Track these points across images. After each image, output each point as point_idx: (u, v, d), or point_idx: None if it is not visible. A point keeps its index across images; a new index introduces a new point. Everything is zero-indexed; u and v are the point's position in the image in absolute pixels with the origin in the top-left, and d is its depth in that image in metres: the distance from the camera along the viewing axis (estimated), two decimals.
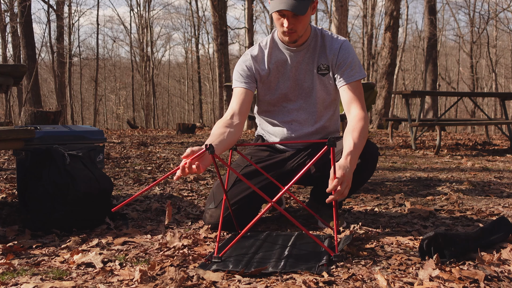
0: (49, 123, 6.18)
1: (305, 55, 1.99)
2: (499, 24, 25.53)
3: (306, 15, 1.83)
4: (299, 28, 1.86)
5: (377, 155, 1.99)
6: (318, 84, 2.00)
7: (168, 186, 3.15)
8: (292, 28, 1.84)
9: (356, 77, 1.93)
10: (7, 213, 2.28)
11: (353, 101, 1.90)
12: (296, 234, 1.86)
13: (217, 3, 14.10)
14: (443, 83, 27.02)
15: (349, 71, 1.93)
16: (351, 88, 1.92)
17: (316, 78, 1.99)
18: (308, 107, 2.04)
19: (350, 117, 1.88)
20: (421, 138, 7.86)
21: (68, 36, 22.00)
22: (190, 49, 30.51)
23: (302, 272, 1.44)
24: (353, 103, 1.89)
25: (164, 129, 11.64)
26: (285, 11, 1.79)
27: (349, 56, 1.94)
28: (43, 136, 2.37)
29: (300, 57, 1.99)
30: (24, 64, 2.62)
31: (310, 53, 1.99)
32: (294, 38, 1.90)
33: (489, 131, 9.15)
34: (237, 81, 2.00)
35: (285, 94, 2.02)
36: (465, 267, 1.51)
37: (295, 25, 1.84)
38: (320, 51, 1.98)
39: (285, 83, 2.01)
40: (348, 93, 1.92)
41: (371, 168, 1.98)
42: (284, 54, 2.00)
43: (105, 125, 29.48)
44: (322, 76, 1.99)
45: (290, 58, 1.99)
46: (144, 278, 1.37)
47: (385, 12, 11.97)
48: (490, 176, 3.74)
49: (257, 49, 2.02)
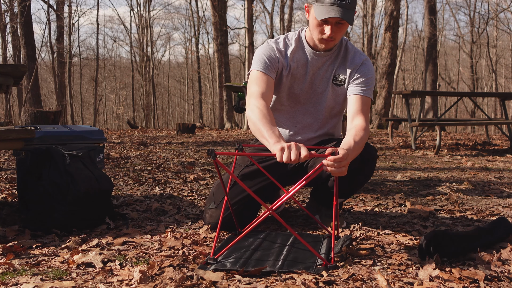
0: (49, 123, 6.19)
1: (326, 62, 1.97)
2: (499, 24, 25.55)
3: (345, 24, 1.80)
4: (338, 37, 1.84)
5: (376, 157, 1.98)
6: (331, 93, 1.99)
7: (168, 186, 3.15)
8: (333, 37, 1.82)
9: (368, 94, 1.91)
10: (7, 213, 2.28)
11: (359, 112, 1.86)
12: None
13: (217, 3, 14.10)
14: (443, 83, 27.02)
15: (365, 86, 1.91)
16: (361, 101, 1.89)
17: (330, 87, 1.98)
18: (315, 112, 2.03)
19: (352, 124, 1.82)
20: (421, 138, 7.86)
21: (68, 36, 21.99)
22: (190, 49, 30.51)
23: (300, 271, 1.44)
24: (359, 114, 1.86)
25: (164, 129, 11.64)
26: (330, 19, 1.76)
27: (369, 73, 1.93)
28: (43, 136, 2.37)
29: (320, 63, 1.97)
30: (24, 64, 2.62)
31: (331, 61, 1.97)
32: (331, 46, 1.88)
33: (489, 131, 9.15)
34: (262, 67, 1.88)
35: (297, 95, 2.01)
36: (465, 267, 1.51)
37: (336, 33, 1.81)
38: (340, 62, 1.97)
39: (300, 85, 1.99)
40: (357, 104, 1.88)
41: (370, 168, 1.98)
42: (307, 56, 1.97)
43: (105, 125, 29.48)
44: (336, 86, 1.98)
45: (312, 61, 1.96)
46: (144, 278, 1.37)
47: (385, 12, 11.97)
48: (490, 176, 3.74)
49: (282, 43, 1.97)
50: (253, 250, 1.65)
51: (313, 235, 1.91)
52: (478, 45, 25.14)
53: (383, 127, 11.31)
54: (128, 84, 29.90)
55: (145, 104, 25.22)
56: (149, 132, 9.65)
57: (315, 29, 1.84)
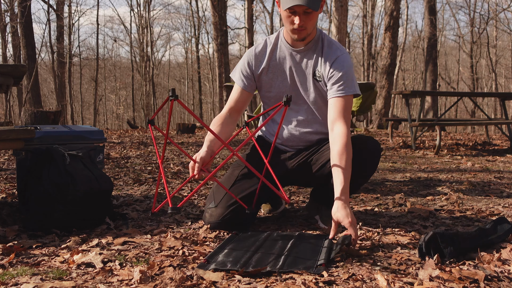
0: (49, 123, 6.18)
1: (304, 57, 2.00)
2: (499, 24, 25.55)
3: (316, 13, 1.86)
4: (309, 25, 1.88)
5: (379, 151, 2.02)
6: (314, 88, 2.02)
7: (168, 186, 3.15)
8: (303, 26, 1.87)
9: (346, 91, 1.92)
10: (7, 213, 2.28)
11: (337, 117, 1.90)
12: (297, 234, 1.86)
13: (217, 3, 14.10)
14: (443, 83, 27.02)
15: (341, 84, 1.92)
16: (338, 103, 1.91)
17: (311, 82, 2.01)
18: (307, 109, 2.05)
19: (333, 134, 1.87)
20: (421, 138, 7.86)
21: (68, 36, 21.98)
22: (190, 49, 30.51)
23: (300, 271, 1.44)
24: (337, 120, 1.89)
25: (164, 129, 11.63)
26: (297, 8, 1.81)
27: (341, 69, 1.93)
28: (43, 136, 2.38)
29: (299, 58, 2.01)
30: (24, 64, 2.62)
31: (309, 56, 2.00)
32: (303, 35, 1.91)
33: (489, 131, 9.15)
34: (238, 79, 2.08)
35: (283, 92, 2.04)
36: (465, 267, 1.51)
37: (305, 22, 1.86)
38: (318, 57, 2.00)
39: (284, 82, 2.04)
40: (335, 107, 1.91)
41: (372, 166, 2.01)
42: (286, 54, 2.02)
43: (105, 125, 29.47)
44: (317, 82, 2.01)
45: (291, 58, 2.01)
46: (144, 278, 1.37)
47: (385, 12, 11.97)
48: (490, 176, 3.74)
49: (261, 45, 2.06)
50: (254, 250, 1.65)
51: (314, 235, 1.91)
52: (478, 45, 25.14)
53: (383, 127, 11.31)
54: (128, 84, 29.90)
55: (145, 104, 25.21)
56: (149, 132, 9.65)
57: (286, 20, 1.90)
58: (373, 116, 12.09)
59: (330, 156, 1.87)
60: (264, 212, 2.36)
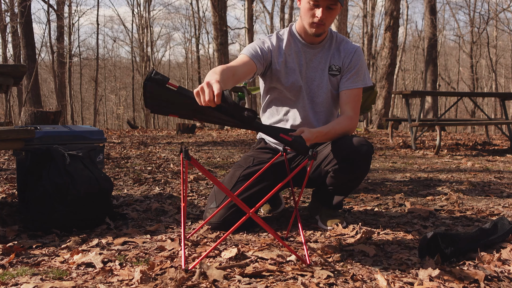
0: (49, 123, 6.18)
1: (318, 54, 2.02)
2: (499, 24, 25.54)
3: (336, 11, 1.88)
4: (328, 21, 1.90)
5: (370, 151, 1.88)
6: (328, 84, 2.03)
7: (168, 186, 3.15)
8: (323, 20, 1.88)
9: (359, 84, 2.01)
10: (7, 213, 2.28)
11: (348, 105, 1.98)
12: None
13: (217, 3, 14.10)
14: (443, 83, 27.02)
15: (354, 78, 2.00)
16: (350, 94, 1.99)
17: (326, 78, 2.02)
18: (314, 106, 2.05)
19: (341, 115, 1.97)
20: (421, 138, 7.85)
21: (68, 36, 21.98)
22: (190, 49, 30.52)
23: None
24: (348, 106, 1.98)
25: (164, 129, 11.64)
26: (322, 1, 1.82)
27: (359, 62, 2.00)
28: (43, 136, 2.37)
29: (313, 54, 2.02)
30: (24, 64, 2.62)
31: (324, 53, 2.03)
32: (321, 31, 1.93)
33: (489, 131, 9.15)
34: (249, 53, 1.91)
35: (296, 86, 2.03)
36: (465, 267, 1.51)
37: (326, 17, 1.88)
38: (333, 53, 2.03)
39: (296, 76, 2.02)
40: (347, 98, 1.99)
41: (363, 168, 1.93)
42: (299, 48, 2.02)
43: (105, 125, 29.47)
44: (332, 77, 2.03)
45: (304, 54, 2.02)
46: (144, 278, 1.37)
47: (385, 12, 11.96)
48: (490, 176, 3.74)
49: (275, 38, 2.03)
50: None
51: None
52: (478, 45, 25.14)
53: (383, 127, 11.30)
54: (128, 84, 29.90)
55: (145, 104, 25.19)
56: (149, 132, 9.65)
57: (307, 13, 1.89)
58: (373, 116, 12.08)
59: (325, 153, 1.90)
60: (264, 212, 2.36)
